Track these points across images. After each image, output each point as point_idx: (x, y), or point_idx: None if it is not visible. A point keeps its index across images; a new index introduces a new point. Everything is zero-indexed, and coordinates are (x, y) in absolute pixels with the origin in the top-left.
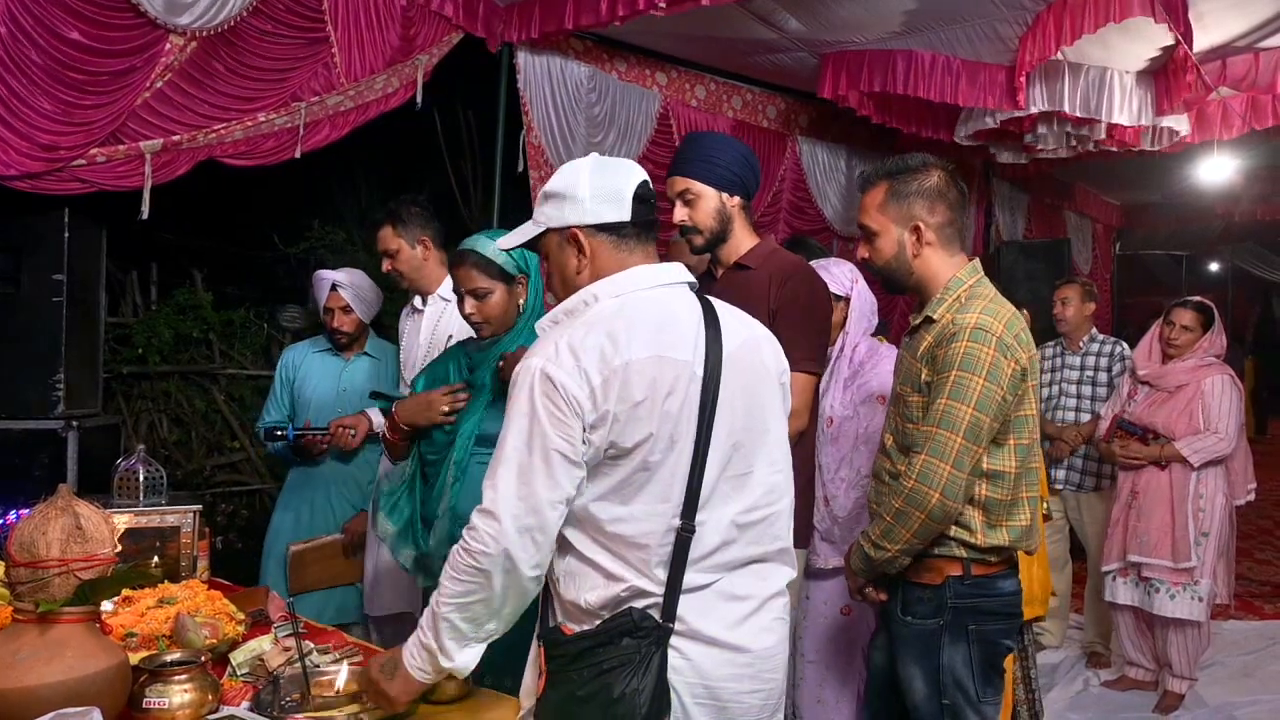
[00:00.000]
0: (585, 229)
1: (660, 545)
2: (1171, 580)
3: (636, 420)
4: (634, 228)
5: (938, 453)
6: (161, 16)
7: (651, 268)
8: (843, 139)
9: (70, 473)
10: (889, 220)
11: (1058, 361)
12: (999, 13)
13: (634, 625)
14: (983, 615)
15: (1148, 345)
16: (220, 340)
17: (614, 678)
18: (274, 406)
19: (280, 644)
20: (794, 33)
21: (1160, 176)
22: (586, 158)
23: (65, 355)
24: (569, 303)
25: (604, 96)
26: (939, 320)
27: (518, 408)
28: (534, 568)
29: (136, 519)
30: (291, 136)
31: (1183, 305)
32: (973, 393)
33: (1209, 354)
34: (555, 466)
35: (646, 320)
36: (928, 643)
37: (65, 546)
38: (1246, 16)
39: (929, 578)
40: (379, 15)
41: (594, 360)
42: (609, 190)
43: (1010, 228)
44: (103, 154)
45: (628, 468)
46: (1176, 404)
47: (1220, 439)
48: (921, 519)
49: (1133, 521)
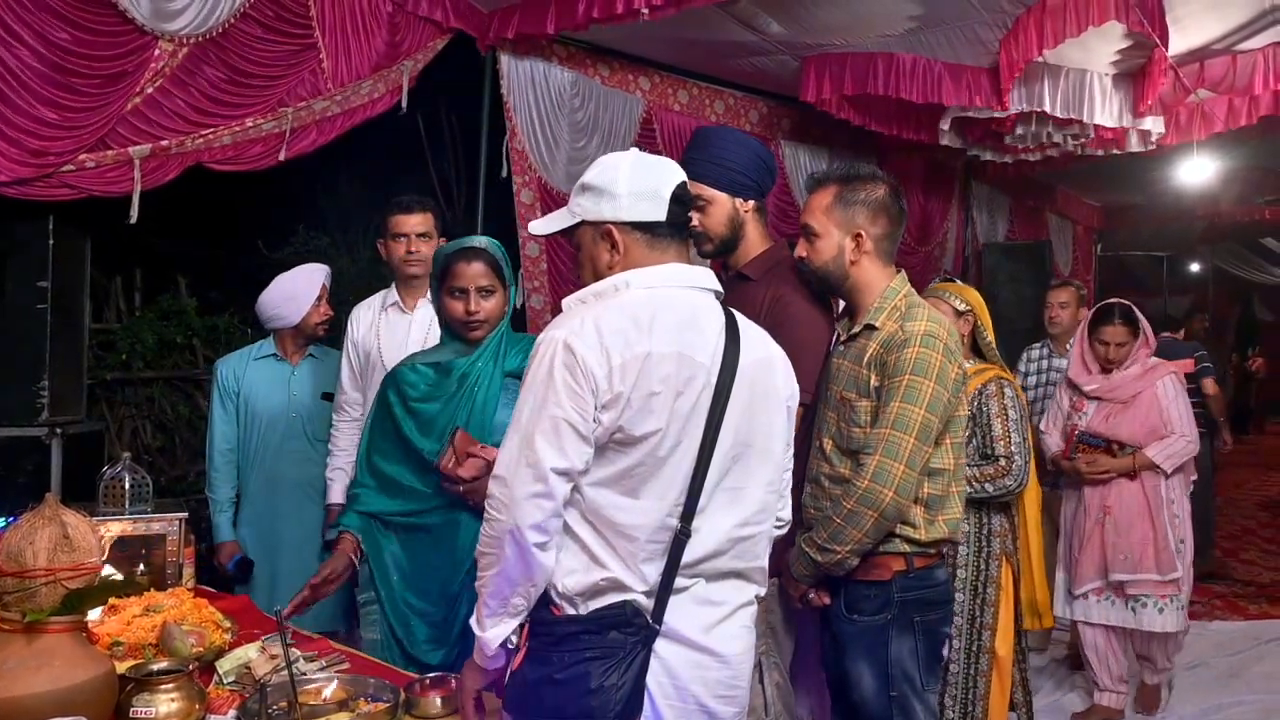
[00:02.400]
0: (620, 225)
1: (649, 541)
2: (1159, 594)
3: (648, 411)
4: (668, 227)
5: (892, 453)
6: (149, 23)
7: (685, 268)
8: (825, 142)
9: (54, 480)
10: (833, 224)
11: (1044, 364)
12: (979, 15)
13: (625, 620)
14: (926, 606)
15: (1080, 359)
16: (204, 345)
17: (593, 668)
18: (222, 422)
19: (267, 652)
20: (776, 36)
21: (1141, 178)
22: (628, 153)
23: (49, 363)
24: (599, 285)
25: (587, 101)
26: (881, 328)
27: (535, 376)
28: (539, 534)
29: (124, 527)
30: (279, 142)
31: (1107, 321)
32: (924, 395)
33: (1148, 355)
34: (565, 437)
35: (672, 316)
36: (875, 638)
37: (52, 556)
38: (1224, 20)
39: (876, 574)
40: (365, 21)
41: (617, 341)
42: (647, 188)
43: (990, 230)
44: (92, 159)
45: (633, 457)
46: (1137, 413)
47: (1188, 440)
48: (875, 518)
49: (1110, 538)
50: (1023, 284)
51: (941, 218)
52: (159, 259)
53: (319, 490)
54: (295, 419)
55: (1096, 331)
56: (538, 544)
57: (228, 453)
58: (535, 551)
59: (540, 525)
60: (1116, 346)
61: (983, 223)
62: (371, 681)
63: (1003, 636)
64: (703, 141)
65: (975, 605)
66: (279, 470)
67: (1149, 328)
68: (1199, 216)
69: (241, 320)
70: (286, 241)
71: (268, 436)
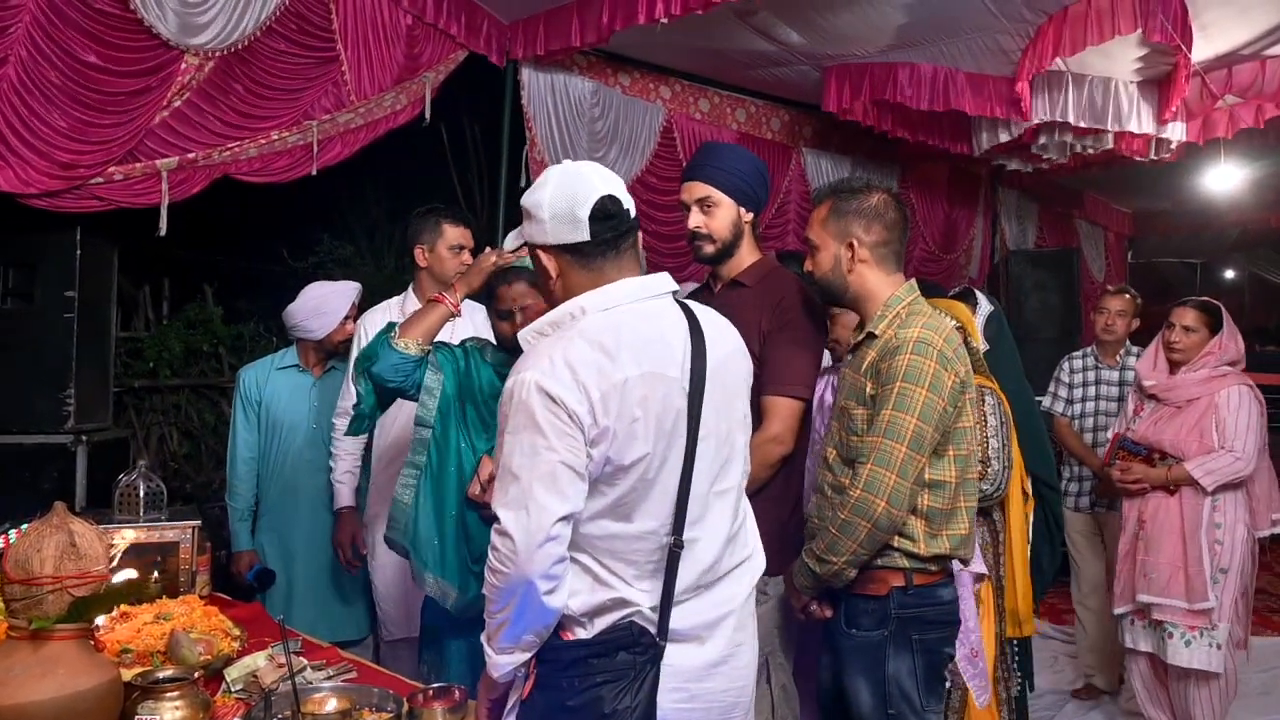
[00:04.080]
0: (548, 249)
1: (647, 561)
2: (1186, 624)
3: (633, 438)
4: (596, 246)
5: (883, 462)
6: (175, 38)
7: (638, 281)
8: (847, 150)
9: (79, 487)
10: (828, 235)
11: (1090, 375)
12: (1000, 25)
13: (632, 640)
14: (926, 625)
15: (1153, 355)
16: (230, 354)
17: (606, 691)
18: (244, 429)
19: (275, 660)
20: (796, 46)
21: (1170, 184)
22: (556, 168)
23: (76, 370)
24: (555, 314)
25: (607, 111)
26: (880, 336)
27: (517, 422)
28: (549, 581)
29: (138, 534)
30: (304, 154)
31: (1184, 304)
32: (916, 403)
33: (1221, 361)
34: (562, 481)
35: (637, 336)
36: (873, 654)
37: (59, 564)
38: (1251, 25)
39: (873, 589)
40: (386, 34)
41: (591, 375)
42: (564, 211)
43: (1019, 236)
44: (120, 172)
45: (624, 485)
46: (1186, 420)
47: (1237, 459)
48: (868, 528)
49: (1141, 555)
50: (1049, 292)
51: (967, 225)
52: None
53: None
54: (315, 430)
55: (1169, 314)
56: (548, 591)
57: (249, 461)
58: (546, 599)
59: (549, 573)
60: (1183, 330)
61: (1012, 230)
62: (376, 691)
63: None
64: (711, 150)
65: None
66: (297, 480)
67: (1233, 334)
68: (1232, 223)
69: (266, 329)
70: (311, 251)
71: (287, 446)
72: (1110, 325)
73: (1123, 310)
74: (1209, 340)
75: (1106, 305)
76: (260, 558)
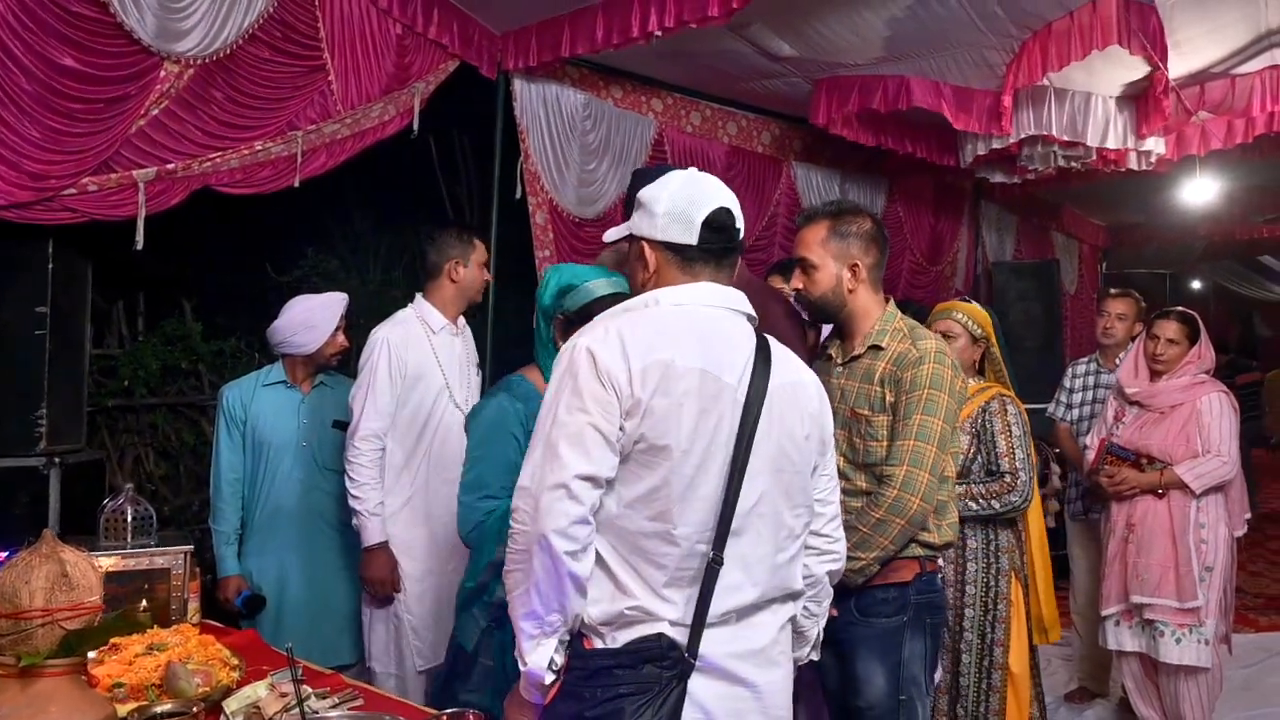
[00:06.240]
0: (653, 243)
1: (678, 569)
2: (1176, 622)
3: (670, 421)
4: (700, 252)
5: (918, 463)
6: (155, 44)
7: (717, 288)
8: (836, 163)
9: (52, 512)
10: (829, 256)
11: (1090, 380)
12: (987, 40)
13: (660, 653)
14: (935, 609)
15: (1133, 362)
16: (210, 371)
17: (627, 704)
18: (228, 450)
19: (277, 690)
20: (787, 59)
21: (1143, 198)
22: (684, 171)
23: (48, 390)
24: (632, 301)
25: (599, 123)
26: (888, 348)
27: (560, 384)
28: (568, 541)
29: (123, 561)
30: (289, 165)
31: (1164, 316)
32: (941, 407)
33: (1200, 370)
34: (589, 442)
35: (700, 332)
36: (890, 640)
37: (50, 595)
38: (1222, 44)
39: (897, 577)
40: (375, 43)
41: (639, 349)
42: (680, 211)
43: (998, 248)
44: (94, 183)
45: (658, 474)
46: (1172, 425)
47: (1223, 462)
48: (902, 525)
49: (1132, 557)
50: (1031, 302)
51: (952, 237)
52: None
53: (330, 521)
54: (305, 448)
55: (1151, 327)
56: (569, 552)
57: (234, 482)
58: (566, 560)
59: (567, 532)
60: (1166, 343)
61: (991, 242)
62: (386, 718)
63: (1016, 654)
64: None
65: (986, 621)
66: (288, 500)
67: (1208, 342)
68: (1200, 235)
69: (248, 344)
70: (295, 264)
71: (276, 465)
72: (1109, 329)
73: (1123, 313)
74: (1190, 350)
75: (1106, 308)
76: (248, 583)
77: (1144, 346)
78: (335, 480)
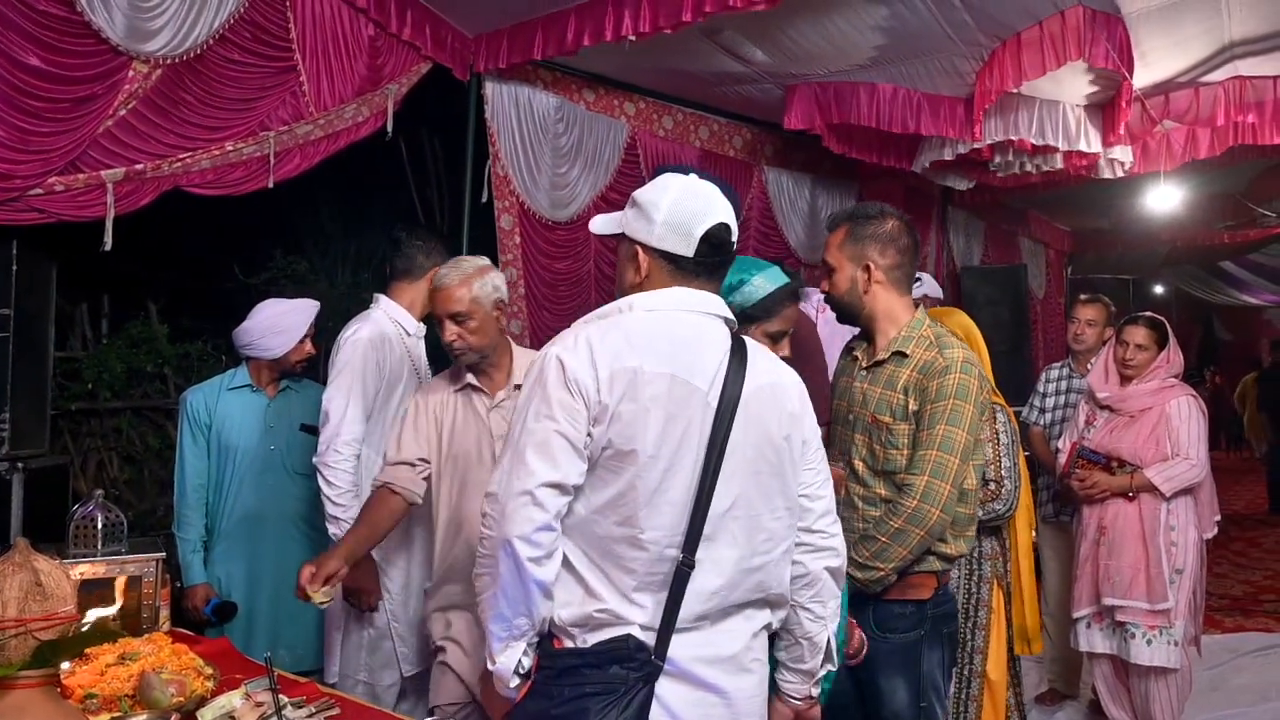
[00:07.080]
0: (648, 249)
1: (648, 573)
2: (1147, 624)
3: (637, 426)
4: (696, 264)
5: (940, 474)
6: (124, 44)
7: (692, 292)
8: (807, 168)
9: (15, 518)
10: (845, 258)
11: (1063, 385)
12: (957, 48)
13: (628, 654)
14: (950, 618)
15: (1103, 367)
16: (176, 374)
17: (592, 704)
18: (193, 455)
19: (252, 699)
20: (760, 64)
21: (1108, 204)
22: (685, 177)
23: (10, 393)
24: (605, 308)
25: (571, 127)
26: (913, 356)
27: (530, 392)
28: (531, 547)
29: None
30: (260, 166)
31: (1133, 323)
32: (966, 418)
33: (1170, 374)
34: (556, 449)
35: (670, 338)
36: (909, 654)
37: (23, 605)
38: (1187, 55)
39: (914, 594)
40: (347, 45)
41: (606, 356)
42: (680, 223)
43: (966, 253)
44: (62, 183)
45: (625, 479)
46: (1141, 429)
47: (1192, 465)
48: (921, 536)
49: (1103, 560)
50: (1000, 306)
51: (921, 242)
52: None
53: (299, 526)
54: (274, 452)
55: (1120, 333)
56: (531, 558)
57: (200, 489)
58: (530, 566)
59: (531, 538)
60: (1135, 348)
61: (959, 246)
62: None
63: (995, 661)
64: None
65: (966, 628)
66: (257, 505)
67: (1177, 348)
68: (1163, 241)
69: (215, 348)
70: (264, 266)
71: (243, 470)
72: (1080, 334)
73: (1093, 319)
74: (1159, 355)
75: (1077, 314)
76: (216, 590)
77: (1114, 352)
78: (304, 484)
